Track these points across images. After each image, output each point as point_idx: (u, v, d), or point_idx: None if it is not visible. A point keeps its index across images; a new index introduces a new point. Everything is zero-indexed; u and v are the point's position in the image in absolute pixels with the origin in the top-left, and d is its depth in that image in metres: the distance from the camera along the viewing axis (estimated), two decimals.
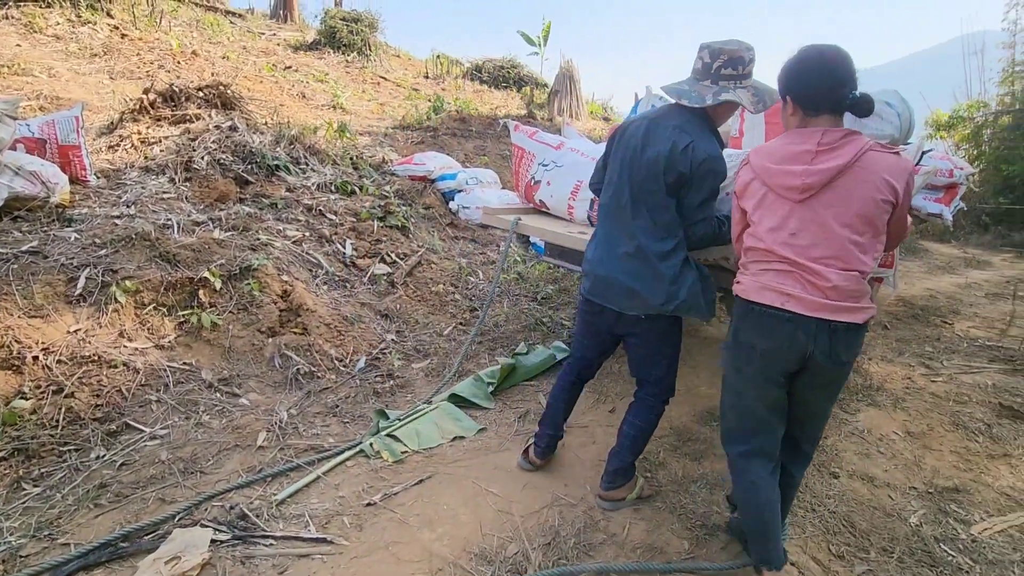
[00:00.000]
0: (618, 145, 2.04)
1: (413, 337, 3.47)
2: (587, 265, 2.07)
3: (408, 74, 11.29)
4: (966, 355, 3.73)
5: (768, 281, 1.57)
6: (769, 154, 1.60)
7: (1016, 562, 1.93)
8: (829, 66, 1.53)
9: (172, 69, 6.60)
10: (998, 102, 10.46)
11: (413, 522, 2.02)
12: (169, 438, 2.33)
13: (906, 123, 3.01)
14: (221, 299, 3.08)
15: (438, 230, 4.95)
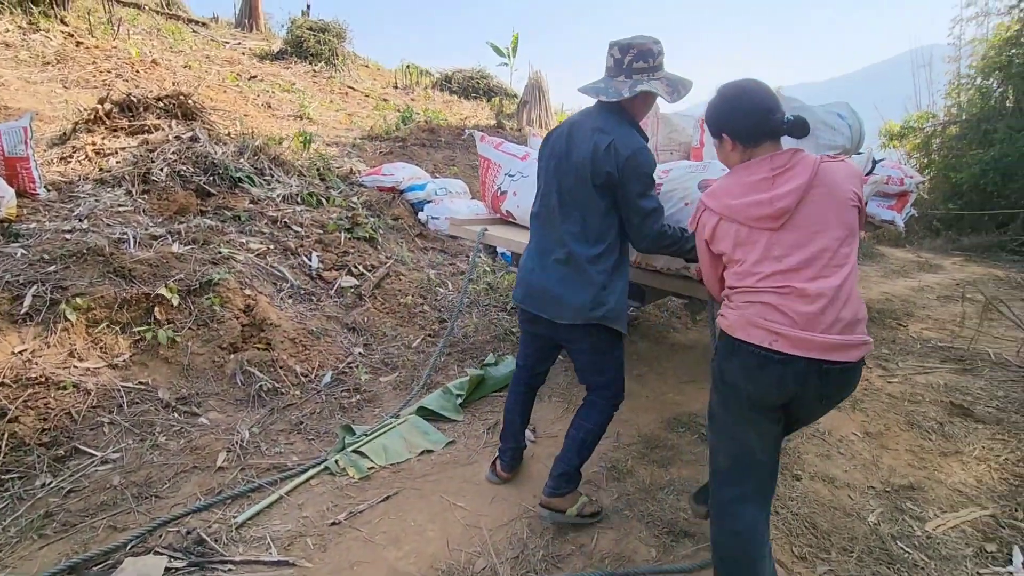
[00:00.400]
0: (544, 154, 2.06)
1: (381, 350, 3.43)
2: (520, 273, 2.09)
3: (377, 84, 11.24)
4: (920, 356, 3.88)
5: (754, 316, 1.47)
6: (726, 192, 1.57)
7: (968, 556, 2.00)
8: (755, 97, 1.57)
9: (130, 78, 6.41)
10: (945, 113, 10.98)
11: (379, 540, 1.98)
12: (122, 462, 2.24)
13: (856, 134, 3.14)
14: (180, 315, 2.98)
15: (407, 241, 4.91)
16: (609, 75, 1.92)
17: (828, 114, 3.10)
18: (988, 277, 6.69)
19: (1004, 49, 9.69)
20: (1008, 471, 2.51)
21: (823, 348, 1.40)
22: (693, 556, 1.96)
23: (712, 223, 1.58)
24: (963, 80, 10.58)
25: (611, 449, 2.59)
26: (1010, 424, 2.91)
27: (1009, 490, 2.38)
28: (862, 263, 7.26)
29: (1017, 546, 2.04)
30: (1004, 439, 2.78)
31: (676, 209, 2.43)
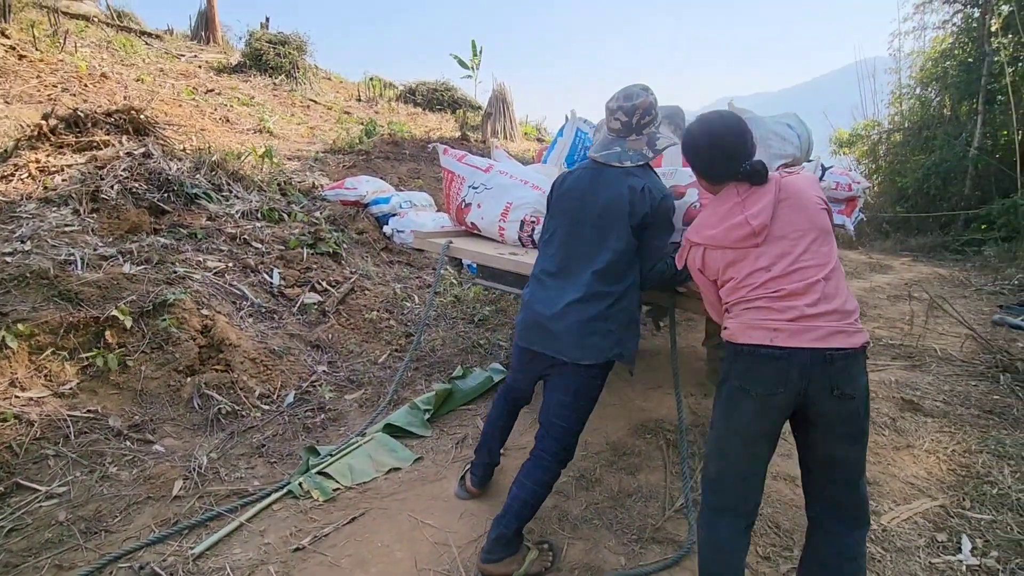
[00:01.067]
0: (561, 196, 2.06)
1: (346, 367, 3.36)
2: (530, 316, 1.98)
3: (340, 97, 11.13)
4: (872, 354, 4.03)
5: (753, 318, 1.51)
6: (705, 225, 1.66)
7: (921, 547, 2.08)
8: (718, 142, 1.63)
9: (78, 92, 6.18)
10: (889, 121, 11.58)
11: (345, 564, 1.93)
12: (69, 496, 2.12)
13: (805, 143, 3.27)
14: (132, 338, 2.87)
15: (372, 255, 4.86)
16: (619, 136, 2.00)
17: (778, 125, 3.22)
18: (933, 276, 7.03)
19: (940, 61, 10.29)
20: (955, 462, 2.63)
21: (822, 335, 1.42)
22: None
23: (700, 254, 1.68)
24: (904, 90, 11.18)
25: (580, 459, 2.59)
26: (956, 417, 3.05)
27: (957, 480, 2.49)
28: None
29: (965, 535, 2.13)
30: (951, 431, 2.91)
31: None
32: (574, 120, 3.86)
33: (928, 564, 1.99)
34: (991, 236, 8.40)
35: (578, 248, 1.96)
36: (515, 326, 2.08)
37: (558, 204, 2.06)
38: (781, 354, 1.44)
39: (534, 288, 2.02)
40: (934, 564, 1.99)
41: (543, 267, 2.04)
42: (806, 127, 3.45)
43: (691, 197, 2.42)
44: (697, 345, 3.88)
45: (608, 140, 2.02)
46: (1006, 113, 8.59)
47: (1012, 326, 4.58)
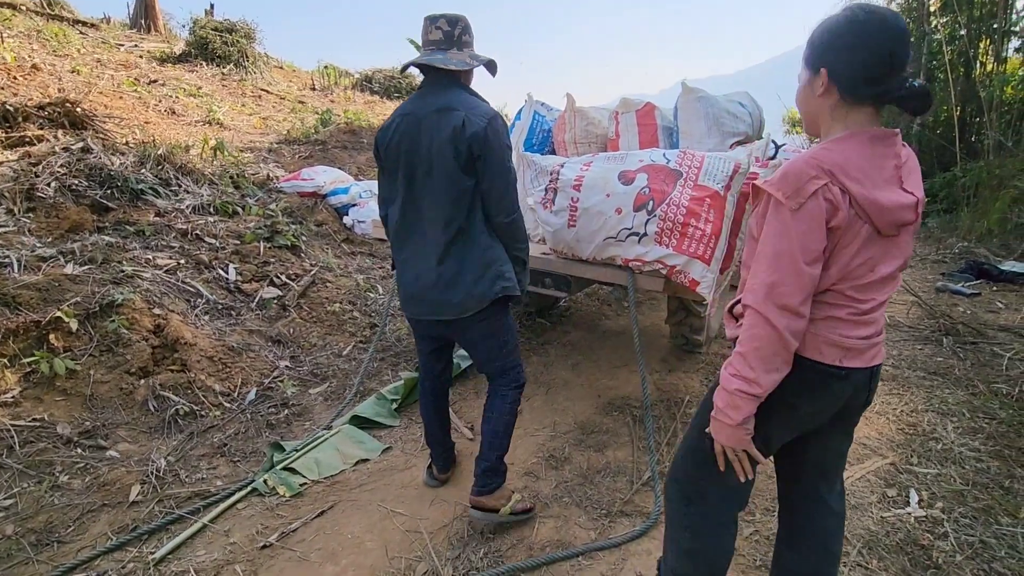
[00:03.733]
0: (388, 152, 1.89)
1: (310, 361, 3.30)
2: (403, 287, 1.95)
3: (293, 86, 10.78)
4: None
5: (830, 331, 1.20)
6: (867, 177, 1.12)
7: (873, 503, 2.19)
8: (900, 36, 1.16)
9: (7, 85, 5.78)
10: None
11: (315, 558, 1.91)
12: (16, 508, 2.02)
13: (757, 121, 3.34)
14: (78, 342, 2.73)
15: (332, 247, 4.75)
16: (439, 48, 1.86)
17: (731, 103, 3.28)
18: None
19: None
20: (904, 422, 2.77)
21: (877, 352, 1.26)
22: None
23: (846, 207, 1.11)
24: None
25: (548, 439, 2.62)
26: (903, 379, 3.21)
27: (905, 439, 2.62)
28: None
29: (913, 488, 2.25)
30: (899, 393, 3.06)
31: (598, 200, 2.50)
32: (531, 103, 3.84)
33: (880, 518, 2.10)
34: (934, 208, 8.81)
35: (419, 207, 1.85)
36: (400, 299, 2.01)
37: (391, 164, 1.89)
38: (843, 374, 1.22)
39: (401, 257, 1.96)
40: (885, 518, 2.10)
41: (398, 233, 1.93)
42: (757, 105, 3.53)
43: (640, 182, 2.45)
44: (660, 323, 3.96)
45: (427, 52, 1.87)
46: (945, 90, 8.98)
47: (953, 292, 4.83)
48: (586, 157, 2.73)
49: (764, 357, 1.13)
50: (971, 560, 1.88)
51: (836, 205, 1.10)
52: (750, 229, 1.28)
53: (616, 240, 2.45)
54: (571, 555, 1.89)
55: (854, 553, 1.91)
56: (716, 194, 2.39)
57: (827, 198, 1.10)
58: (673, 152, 2.56)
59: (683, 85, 3.30)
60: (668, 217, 2.36)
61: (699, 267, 2.32)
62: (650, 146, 3.28)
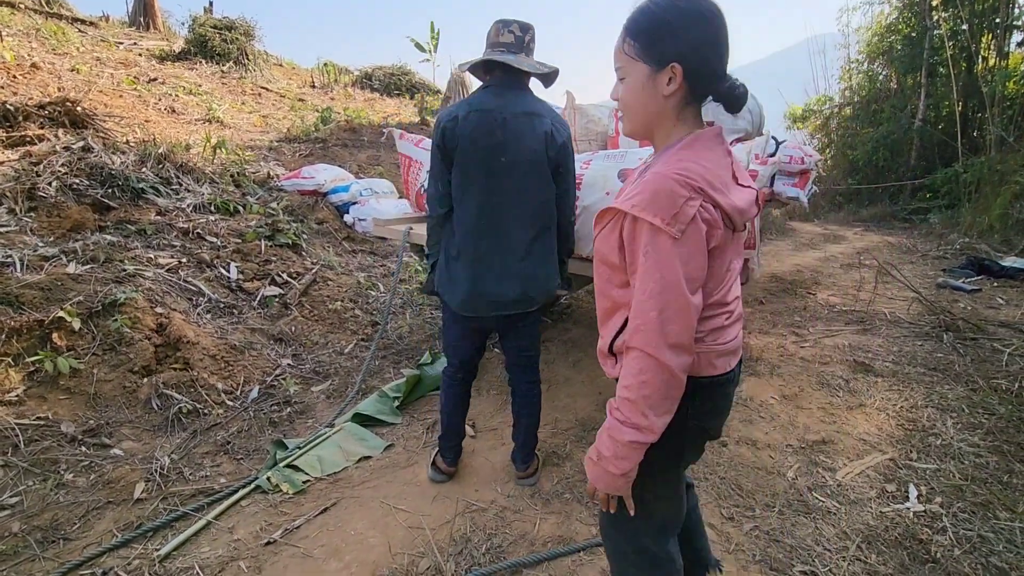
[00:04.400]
0: (466, 143, 1.87)
1: (311, 359, 3.31)
2: (470, 283, 1.95)
3: (293, 84, 10.77)
4: (827, 320, 4.21)
5: (721, 341, 1.14)
6: (717, 178, 1.04)
7: (872, 498, 2.20)
8: (723, 27, 1.06)
9: (6, 84, 5.78)
10: (840, 96, 11.92)
11: (318, 554, 1.92)
12: (22, 506, 2.04)
13: (757, 117, 3.34)
14: (81, 341, 2.75)
15: (333, 245, 4.76)
16: (510, 51, 1.90)
17: None
18: (883, 244, 7.34)
19: (885, 36, 10.62)
20: (903, 417, 2.78)
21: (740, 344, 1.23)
22: None
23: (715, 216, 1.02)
24: (853, 65, 11.52)
25: (550, 435, 2.63)
26: (903, 375, 3.22)
27: (904, 434, 2.63)
28: (777, 238, 7.76)
29: (912, 483, 2.26)
30: (899, 389, 3.07)
31: (598, 198, 2.50)
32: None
33: (879, 513, 2.11)
34: (936, 204, 8.81)
35: (500, 204, 1.89)
36: (447, 296, 2.02)
37: (463, 153, 1.88)
38: (733, 375, 1.18)
39: (474, 251, 1.93)
40: (884, 513, 2.11)
41: (473, 228, 1.92)
42: (757, 102, 3.54)
43: None
44: None
45: (499, 52, 1.89)
46: (947, 85, 8.96)
47: (954, 288, 4.83)
48: (586, 155, 2.74)
49: (657, 402, 1.02)
50: (969, 554, 1.89)
51: (713, 224, 1.01)
52: (601, 254, 1.12)
53: None
54: (573, 550, 1.91)
55: (853, 548, 1.93)
56: None
57: (704, 218, 1.00)
58: None
59: None
60: None
61: None
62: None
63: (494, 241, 1.93)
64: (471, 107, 1.89)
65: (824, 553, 1.91)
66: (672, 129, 1.09)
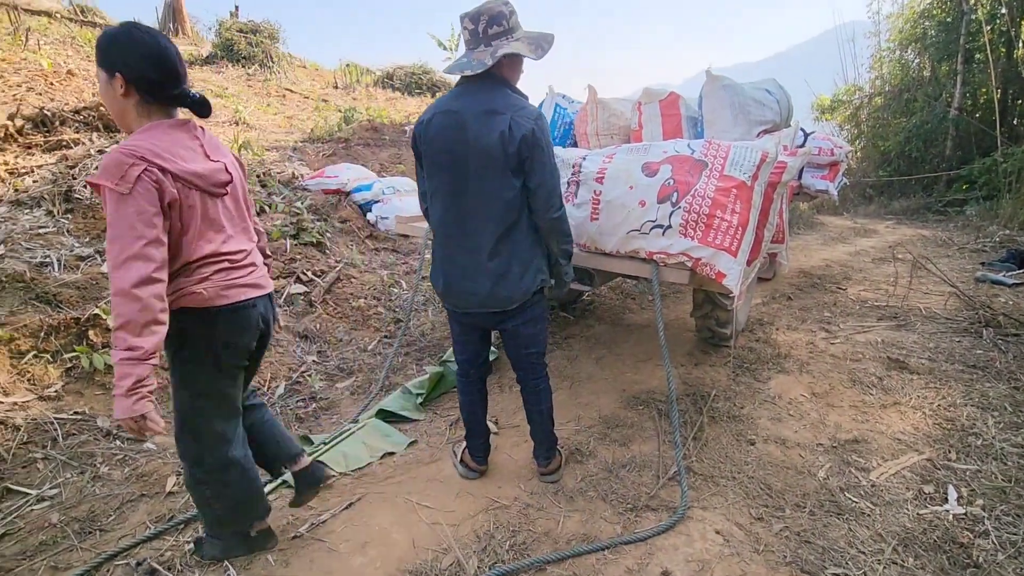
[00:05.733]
0: (429, 146, 1.90)
1: (336, 356, 3.35)
2: (446, 279, 2.01)
3: (316, 85, 10.91)
4: (859, 316, 4.08)
5: (222, 282, 1.56)
6: (178, 156, 1.46)
7: (909, 499, 2.13)
8: (172, 51, 1.49)
9: (44, 91, 5.99)
10: (870, 85, 11.56)
11: (343, 549, 1.94)
12: (60, 498, 2.11)
13: (785, 108, 3.25)
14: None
15: (357, 243, 4.81)
16: (469, 48, 1.86)
17: (757, 91, 3.20)
18: (917, 237, 7.10)
19: (918, 22, 10.26)
20: (941, 416, 2.68)
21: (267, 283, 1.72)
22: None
23: (170, 184, 1.42)
24: (884, 53, 11.16)
25: (573, 433, 2.62)
26: (940, 373, 3.11)
27: (942, 434, 2.54)
28: (805, 232, 7.57)
29: (951, 485, 2.18)
30: (936, 387, 2.96)
31: (621, 193, 2.47)
32: (552, 96, 3.82)
33: (916, 515, 2.04)
34: (973, 195, 8.48)
35: (466, 205, 1.89)
36: (436, 290, 2.08)
37: (428, 156, 1.92)
38: (251, 303, 1.64)
39: (444, 252, 2.00)
40: (922, 515, 2.04)
41: (441, 228, 1.98)
42: (785, 92, 3.44)
43: (664, 174, 2.41)
44: (685, 316, 3.90)
45: (461, 55, 1.89)
46: (985, 72, 8.62)
47: (994, 282, 4.64)
48: (608, 149, 2.70)
49: (138, 327, 1.33)
50: (1014, 559, 1.82)
51: (161, 184, 1.39)
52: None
53: (640, 233, 2.42)
54: (597, 548, 1.89)
55: (889, 550, 1.86)
56: (743, 184, 2.34)
57: (152, 179, 1.37)
58: (698, 142, 2.51)
59: (708, 73, 3.23)
60: (693, 209, 2.32)
61: (726, 259, 2.28)
62: (674, 136, 3.22)
63: (460, 241, 1.94)
64: (436, 110, 1.90)
65: (858, 555, 1.86)
66: (135, 121, 1.48)
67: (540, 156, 1.84)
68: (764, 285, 4.86)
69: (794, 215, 7.50)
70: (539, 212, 1.91)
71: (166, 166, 1.40)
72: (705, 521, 2.03)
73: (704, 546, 1.91)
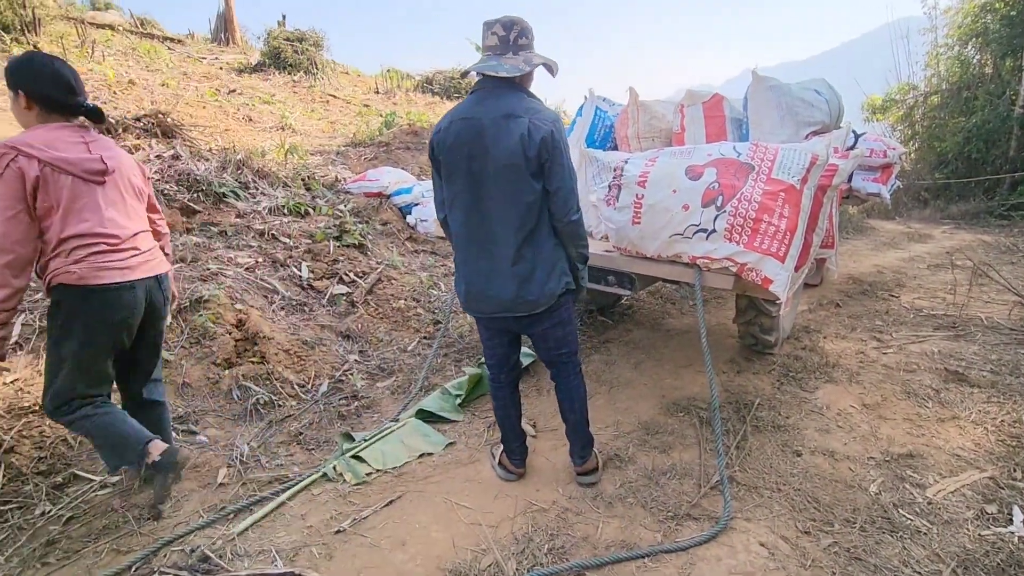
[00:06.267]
0: (451, 158, 1.90)
1: (377, 355, 3.42)
2: (471, 286, 2.00)
3: (358, 91, 11.20)
4: (913, 325, 3.90)
5: (96, 263, 1.83)
6: (52, 145, 1.78)
7: (969, 519, 2.02)
8: (66, 71, 1.86)
9: (108, 100, 6.36)
10: (926, 83, 11.04)
11: (385, 545, 1.98)
12: (122, 485, 2.22)
13: (835, 109, 3.15)
14: (171, 334, 2.97)
15: (397, 245, 4.90)
16: (495, 53, 1.88)
17: (805, 91, 3.11)
18: (977, 243, 6.74)
19: (979, 16, 9.74)
20: (1004, 432, 2.53)
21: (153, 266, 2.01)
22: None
23: (36, 170, 1.73)
24: (941, 49, 10.64)
25: (612, 438, 2.59)
26: (1004, 386, 2.93)
27: (1007, 451, 2.40)
28: (853, 237, 7.29)
29: (1017, 505, 2.06)
30: (999, 401, 2.80)
31: (664, 196, 2.44)
32: (593, 99, 3.80)
33: (977, 536, 1.93)
34: None
35: (486, 210, 1.89)
36: (461, 299, 2.07)
37: (447, 163, 1.92)
38: (129, 286, 1.91)
39: (465, 258, 2.00)
40: (983, 536, 1.93)
41: (463, 235, 1.98)
42: (835, 93, 3.33)
43: (709, 177, 2.37)
44: (726, 322, 3.82)
45: (485, 59, 1.91)
46: None
47: None
48: (651, 152, 2.67)
49: None
50: None
51: (24, 169, 1.71)
52: None
53: (683, 237, 2.39)
54: (637, 556, 1.87)
55: (947, 572, 1.77)
56: (791, 188, 2.27)
57: (17, 166, 1.70)
58: (744, 145, 2.46)
59: (754, 74, 3.16)
60: (739, 213, 2.27)
61: (772, 264, 2.22)
62: (717, 139, 3.16)
63: (483, 247, 1.94)
64: (454, 116, 1.90)
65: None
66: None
67: (559, 159, 1.85)
68: (811, 291, 4.70)
69: (843, 219, 7.22)
70: (557, 215, 1.92)
71: (33, 153, 1.72)
72: (749, 532, 1.98)
73: (748, 558, 1.87)
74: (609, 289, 2.94)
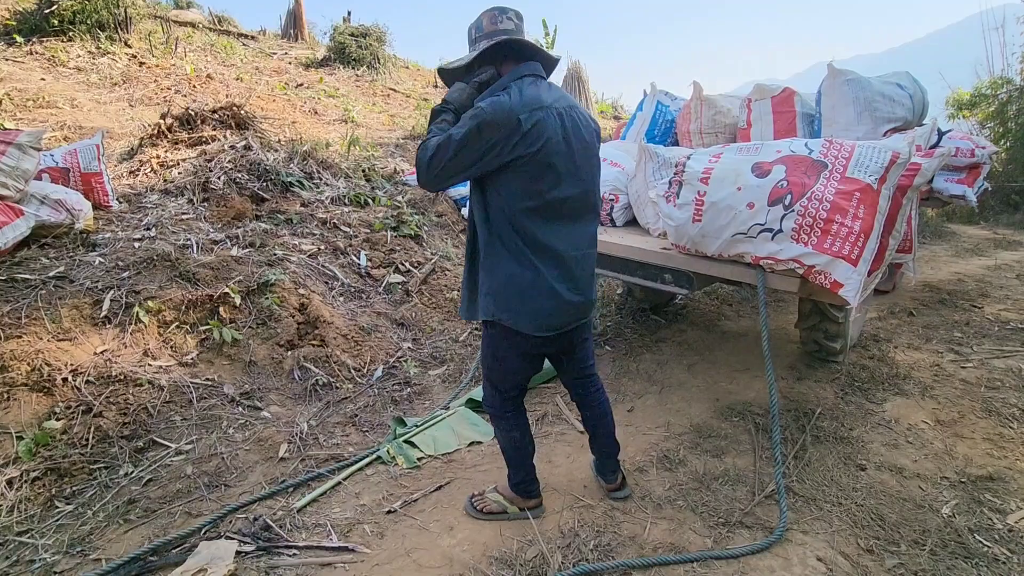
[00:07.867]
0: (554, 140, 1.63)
1: (429, 344, 3.50)
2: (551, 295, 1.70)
3: (417, 85, 11.40)
4: (997, 339, 3.61)
5: None
6: None
7: None
8: None
9: (188, 93, 6.77)
10: (1022, 77, 10.11)
11: (433, 528, 2.03)
12: (194, 453, 2.39)
13: (919, 104, 2.95)
14: (240, 315, 3.14)
15: (451, 237, 4.98)
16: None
17: (886, 85, 2.92)
18: None
19: None
20: None
21: None
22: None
23: None
24: None
25: (662, 439, 2.55)
26: None
27: None
28: (931, 242, 6.81)
29: None
30: None
31: (728, 194, 2.37)
32: (654, 93, 3.72)
33: None
34: None
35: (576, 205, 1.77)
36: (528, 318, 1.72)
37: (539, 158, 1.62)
38: None
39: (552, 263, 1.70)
40: None
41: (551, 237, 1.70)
42: (920, 87, 3.12)
43: (777, 175, 2.27)
44: (786, 326, 3.66)
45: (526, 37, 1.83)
46: None
47: None
48: (715, 148, 2.59)
49: None
50: None
51: None
52: None
53: (746, 236, 2.30)
54: (686, 560, 1.83)
55: None
56: (868, 187, 2.15)
57: None
58: (817, 141, 2.34)
59: (829, 67, 3.00)
60: (808, 213, 2.17)
61: (844, 268, 2.11)
62: (786, 135, 3.03)
63: (573, 248, 1.74)
64: (532, 106, 1.61)
65: None
66: None
67: None
68: (882, 298, 4.43)
69: (920, 223, 6.75)
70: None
71: None
72: (806, 546, 1.90)
73: (804, 572, 1.79)
74: (665, 288, 2.88)
